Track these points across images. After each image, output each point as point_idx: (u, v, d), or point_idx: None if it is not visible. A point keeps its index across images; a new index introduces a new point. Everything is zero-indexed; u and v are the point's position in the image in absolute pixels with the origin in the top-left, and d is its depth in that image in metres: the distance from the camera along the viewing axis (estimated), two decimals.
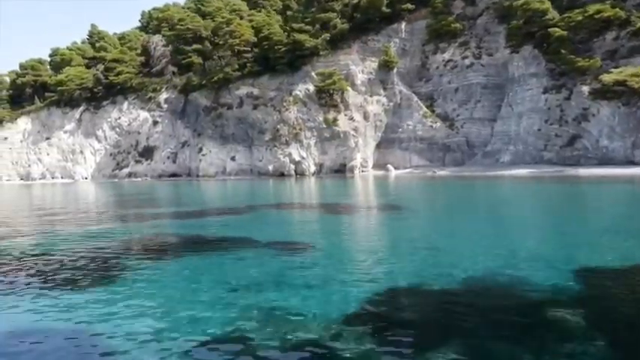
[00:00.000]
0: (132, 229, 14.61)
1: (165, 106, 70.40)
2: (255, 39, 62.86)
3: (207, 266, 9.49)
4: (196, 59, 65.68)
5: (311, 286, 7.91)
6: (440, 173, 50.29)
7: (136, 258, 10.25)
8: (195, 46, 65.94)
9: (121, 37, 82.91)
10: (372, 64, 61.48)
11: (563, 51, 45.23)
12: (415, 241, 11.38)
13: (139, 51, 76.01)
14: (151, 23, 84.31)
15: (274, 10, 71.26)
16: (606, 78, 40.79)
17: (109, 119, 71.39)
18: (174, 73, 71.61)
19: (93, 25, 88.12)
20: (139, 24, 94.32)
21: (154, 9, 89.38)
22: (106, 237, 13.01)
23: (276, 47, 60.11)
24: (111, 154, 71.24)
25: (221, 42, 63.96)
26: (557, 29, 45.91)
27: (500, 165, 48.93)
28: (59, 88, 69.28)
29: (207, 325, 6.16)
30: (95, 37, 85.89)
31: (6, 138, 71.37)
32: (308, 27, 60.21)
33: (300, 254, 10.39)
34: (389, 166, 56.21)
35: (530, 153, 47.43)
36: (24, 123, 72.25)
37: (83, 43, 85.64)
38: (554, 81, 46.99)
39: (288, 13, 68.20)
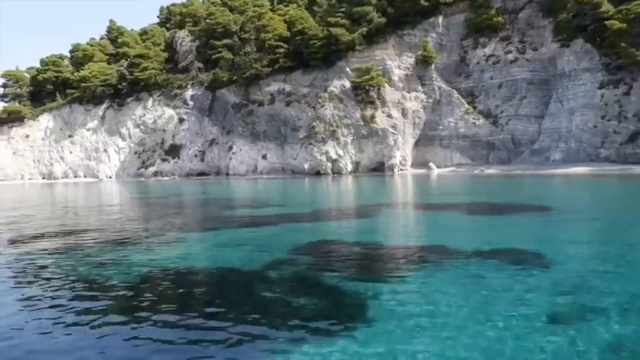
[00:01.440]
0: (288, 235, 12.72)
1: (192, 103, 68.53)
2: (289, 33, 60.87)
3: (460, 288, 7.56)
4: (227, 54, 63.71)
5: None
6: (488, 172, 48.51)
7: (353, 277, 8.34)
8: (225, 40, 63.93)
9: (142, 33, 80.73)
10: (409, 59, 59.67)
11: (622, 44, 43.39)
12: None
13: (162, 47, 74.10)
14: (173, 19, 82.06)
15: (302, 3, 69.20)
16: None
17: (133, 116, 69.48)
18: (199, 69, 69.74)
19: (111, 21, 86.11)
20: (157, 20, 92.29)
21: (173, 4, 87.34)
22: (277, 246, 11.13)
23: (310, 42, 58.18)
24: (135, 153, 69.32)
25: (252, 37, 61.98)
26: (615, 22, 44.08)
27: (552, 163, 47.08)
28: (82, 84, 67.29)
29: None
30: (114, 32, 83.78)
31: (27, 136, 69.39)
32: (344, 21, 58.26)
33: (543, 269, 8.53)
34: (431, 164, 54.36)
35: (585, 150, 45.57)
36: (45, 120, 70.29)
37: (102, 39, 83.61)
38: (610, 75, 45.19)
39: (315, 8, 66.29)
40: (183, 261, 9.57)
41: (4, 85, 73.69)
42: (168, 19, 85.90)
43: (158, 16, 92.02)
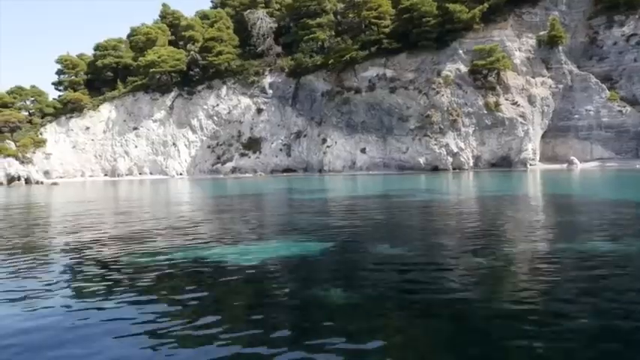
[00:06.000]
0: None
1: (271, 91, 61.56)
2: (394, 11, 53.97)
3: None
4: (322, 35, 56.65)
5: None
6: None
7: None
8: (318, 20, 56.87)
9: (202, 17, 73.70)
10: (529, 40, 52.99)
11: None
12: None
13: (230, 31, 66.89)
14: (233, 1, 74.58)
15: None
16: None
17: (205, 106, 62.39)
18: (278, 55, 62.70)
19: (165, 5, 78.95)
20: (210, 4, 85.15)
21: None
22: None
23: (423, 19, 51.22)
24: (209, 147, 62.22)
25: (351, 15, 54.99)
26: None
27: None
28: (151, 70, 60.06)
29: None
30: (169, 17, 76.79)
31: (87, 128, 62.13)
32: None
33: None
34: (573, 158, 47.46)
35: None
36: (107, 111, 62.99)
37: (156, 23, 76.45)
38: None
39: None
40: None
41: (60, 72, 66.40)
42: (225, 3, 78.61)
43: (212, 0, 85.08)
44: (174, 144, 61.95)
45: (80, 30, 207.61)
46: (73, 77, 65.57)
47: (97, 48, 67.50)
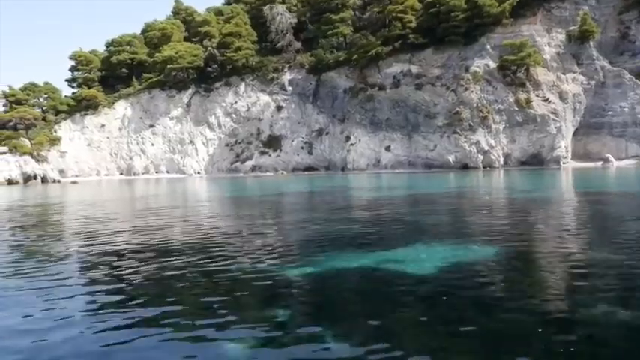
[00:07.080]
0: None
1: (290, 88, 60.16)
2: (420, 5, 52.67)
3: None
4: (346, 29, 55.31)
5: None
6: None
7: None
8: (342, 14, 55.48)
9: (217, 12, 72.19)
10: (559, 35, 51.76)
11: None
12: None
13: (248, 26, 65.39)
14: None
15: None
16: None
17: (223, 104, 60.94)
18: (297, 51, 61.30)
19: (178, 1, 77.44)
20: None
21: None
22: None
23: (452, 14, 49.93)
24: (227, 145, 60.77)
25: (376, 10, 53.64)
26: None
27: None
28: (169, 66, 58.56)
29: None
30: (182, 13, 75.29)
31: (103, 125, 60.58)
32: None
33: None
34: (608, 156, 46.20)
35: None
36: (122, 108, 61.45)
37: (169, 19, 74.92)
38: None
39: None
40: None
41: (74, 68, 64.84)
42: None
43: None
44: (191, 142, 60.51)
45: (84, 29, 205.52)
46: (87, 74, 63.96)
47: (110, 44, 65.92)
